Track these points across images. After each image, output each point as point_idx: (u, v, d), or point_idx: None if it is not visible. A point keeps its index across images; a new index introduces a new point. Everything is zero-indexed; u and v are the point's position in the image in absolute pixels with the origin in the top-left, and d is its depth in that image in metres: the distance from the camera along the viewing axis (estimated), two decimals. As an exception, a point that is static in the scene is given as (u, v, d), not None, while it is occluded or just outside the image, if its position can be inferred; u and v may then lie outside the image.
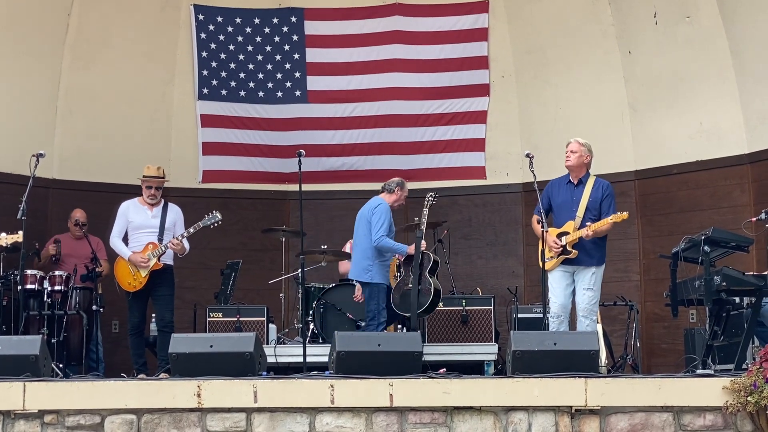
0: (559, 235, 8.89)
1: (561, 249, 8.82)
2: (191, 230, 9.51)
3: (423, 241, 9.70)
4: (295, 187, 11.02)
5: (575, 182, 9.01)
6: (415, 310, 9.49)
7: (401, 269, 10.30)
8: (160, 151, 11.97)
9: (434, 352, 9.65)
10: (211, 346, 7.58)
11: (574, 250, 8.82)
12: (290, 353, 9.94)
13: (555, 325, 8.86)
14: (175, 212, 9.68)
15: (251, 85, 12.54)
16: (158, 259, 9.40)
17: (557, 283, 8.91)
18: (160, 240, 9.47)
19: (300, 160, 9.23)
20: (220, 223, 9.60)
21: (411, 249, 9.68)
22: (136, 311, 9.51)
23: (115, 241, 9.56)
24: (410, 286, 9.64)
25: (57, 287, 9.82)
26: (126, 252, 9.46)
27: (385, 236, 9.51)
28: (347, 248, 11.09)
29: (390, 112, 12.54)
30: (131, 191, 9.99)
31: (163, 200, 9.70)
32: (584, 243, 8.82)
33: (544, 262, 8.89)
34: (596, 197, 8.92)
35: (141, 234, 9.51)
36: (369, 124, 12.58)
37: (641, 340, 10.68)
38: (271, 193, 12.55)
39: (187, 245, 9.55)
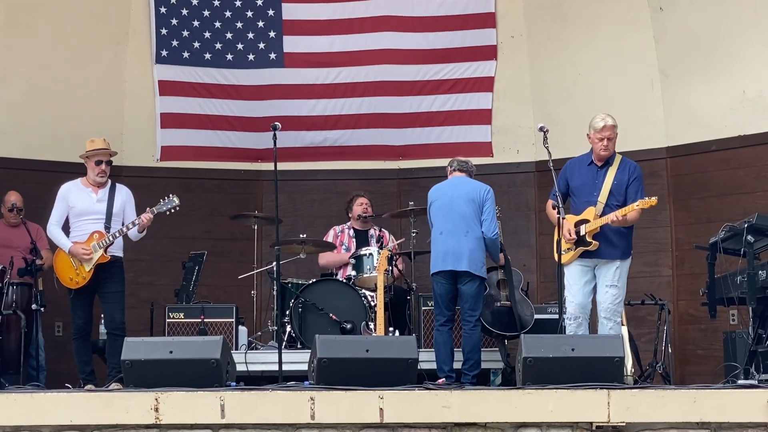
0: (578, 223, 8.90)
1: (576, 239, 8.82)
2: (138, 221, 9.45)
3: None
4: (269, 166, 10.95)
5: (599, 163, 9.00)
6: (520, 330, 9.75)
7: (394, 261, 10.30)
8: (110, 124, 11.93)
9: (432, 359, 9.64)
10: (171, 352, 7.60)
11: (594, 241, 8.83)
12: (263, 360, 9.96)
13: (573, 328, 8.87)
14: (124, 194, 9.65)
15: (218, 46, 12.51)
16: (105, 251, 9.37)
17: (575, 279, 8.91)
18: (107, 228, 9.44)
19: (275, 135, 9.22)
20: (177, 208, 9.60)
21: (501, 259, 9.90)
22: (81, 311, 9.49)
23: (54, 230, 9.52)
24: (502, 303, 9.87)
25: (-10, 283, 9.80)
26: (66, 243, 9.43)
27: None
28: (329, 237, 11.08)
29: (380, 79, 12.51)
30: (76, 170, 9.96)
31: (110, 181, 9.66)
32: (607, 233, 8.82)
33: (560, 255, 8.90)
34: (622, 180, 8.91)
35: (85, 221, 9.48)
36: (356, 93, 12.55)
37: (673, 346, 10.68)
38: (241, 173, 12.53)
39: (133, 236, 9.53)
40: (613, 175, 8.96)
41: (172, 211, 9.60)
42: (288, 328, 10.32)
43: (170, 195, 9.60)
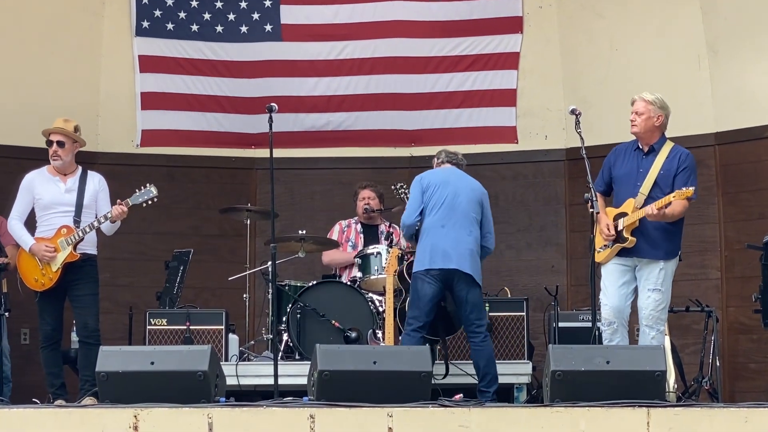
0: (617, 217, 8.88)
1: (615, 236, 8.80)
2: (113, 212, 9.43)
3: None
4: (264, 153, 10.99)
5: (645, 149, 8.98)
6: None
7: (405, 261, 10.26)
8: (84, 105, 11.94)
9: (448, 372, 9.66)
10: (152, 364, 7.61)
11: (631, 237, 8.80)
12: (257, 373, 9.96)
13: (608, 335, 8.86)
14: (96, 182, 9.62)
15: (206, 16, 12.50)
16: (74, 248, 9.36)
17: (610, 280, 8.89)
18: (77, 222, 9.42)
19: (271, 117, 9.21)
20: (155, 200, 9.57)
21: None
22: (49, 317, 9.48)
23: (15, 225, 9.50)
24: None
25: (-53, 284, 9.81)
26: (27, 240, 9.41)
27: None
28: (335, 234, 11.07)
29: (391, 54, 12.50)
30: (45, 157, 9.93)
31: (80, 168, 9.65)
32: (648, 229, 8.79)
33: (593, 254, 8.88)
34: (669, 169, 8.86)
35: (52, 215, 9.46)
36: (363, 70, 12.55)
37: (722, 358, 10.67)
38: (232, 161, 12.54)
39: (107, 229, 9.53)
40: (660, 163, 8.91)
41: (149, 203, 9.57)
42: (285, 337, 10.32)
43: (147, 185, 9.57)
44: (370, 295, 10.35)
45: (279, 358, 9.38)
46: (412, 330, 9.40)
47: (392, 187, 10.45)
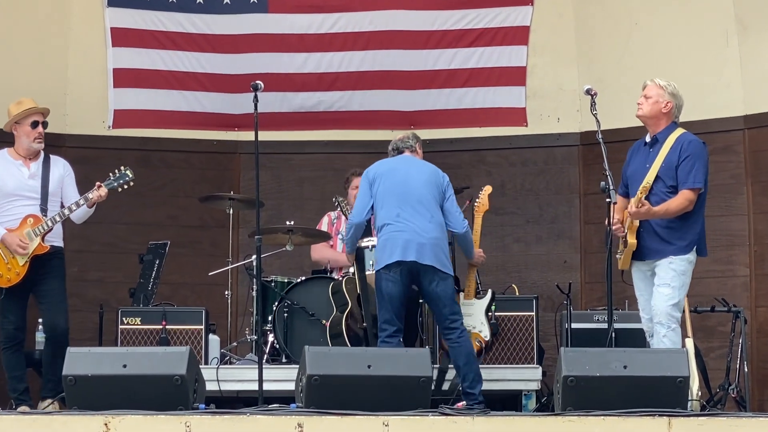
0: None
1: (623, 233, 8.83)
2: (90, 196, 9.45)
3: None
4: (248, 136, 10.96)
5: (649, 141, 8.98)
6: None
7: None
8: (51, 83, 11.94)
9: (450, 377, 9.67)
10: (125, 366, 7.61)
11: (631, 241, 8.80)
12: (240, 378, 9.99)
13: (653, 344, 8.90)
14: (60, 168, 9.68)
15: (186, -15, 12.52)
16: (42, 240, 9.35)
17: (639, 291, 8.99)
18: (44, 211, 9.44)
19: (256, 96, 9.22)
20: (131, 184, 9.59)
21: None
22: (12, 315, 9.51)
23: (-22, 216, 9.55)
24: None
25: None
26: (-4, 230, 9.45)
27: None
28: (323, 225, 11.07)
29: (388, 28, 12.50)
30: (7, 139, 9.95)
31: (42, 153, 9.64)
32: (653, 226, 8.80)
33: (610, 247, 8.89)
34: (672, 160, 8.83)
35: (15, 202, 9.49)
36: (357, 45, 12.55)
37: (750, 363, 10.69)
38: (213, 145, 12.55)
39: (80, 215, 9.53)
40: (664, 155, 8.89)
41: (125, 187, 9.60)
42: (270, 338, 10.33)
43: (122, 167, 9.60)
44: (366, 292, 10.36)
45: (264, 361, 9.39)
46: (387, 336, 9.41)
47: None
